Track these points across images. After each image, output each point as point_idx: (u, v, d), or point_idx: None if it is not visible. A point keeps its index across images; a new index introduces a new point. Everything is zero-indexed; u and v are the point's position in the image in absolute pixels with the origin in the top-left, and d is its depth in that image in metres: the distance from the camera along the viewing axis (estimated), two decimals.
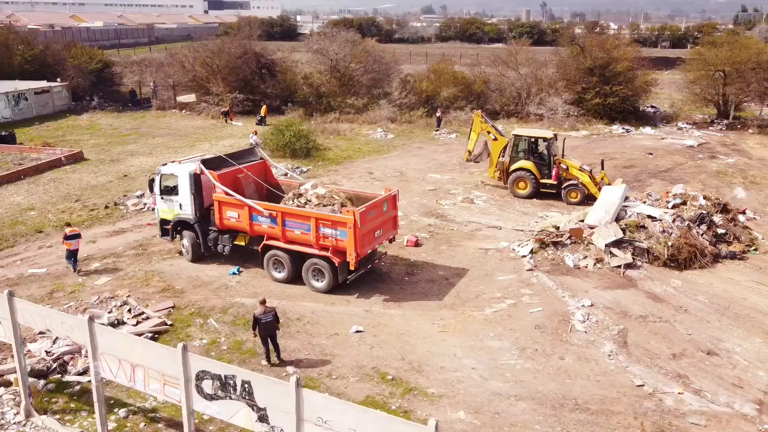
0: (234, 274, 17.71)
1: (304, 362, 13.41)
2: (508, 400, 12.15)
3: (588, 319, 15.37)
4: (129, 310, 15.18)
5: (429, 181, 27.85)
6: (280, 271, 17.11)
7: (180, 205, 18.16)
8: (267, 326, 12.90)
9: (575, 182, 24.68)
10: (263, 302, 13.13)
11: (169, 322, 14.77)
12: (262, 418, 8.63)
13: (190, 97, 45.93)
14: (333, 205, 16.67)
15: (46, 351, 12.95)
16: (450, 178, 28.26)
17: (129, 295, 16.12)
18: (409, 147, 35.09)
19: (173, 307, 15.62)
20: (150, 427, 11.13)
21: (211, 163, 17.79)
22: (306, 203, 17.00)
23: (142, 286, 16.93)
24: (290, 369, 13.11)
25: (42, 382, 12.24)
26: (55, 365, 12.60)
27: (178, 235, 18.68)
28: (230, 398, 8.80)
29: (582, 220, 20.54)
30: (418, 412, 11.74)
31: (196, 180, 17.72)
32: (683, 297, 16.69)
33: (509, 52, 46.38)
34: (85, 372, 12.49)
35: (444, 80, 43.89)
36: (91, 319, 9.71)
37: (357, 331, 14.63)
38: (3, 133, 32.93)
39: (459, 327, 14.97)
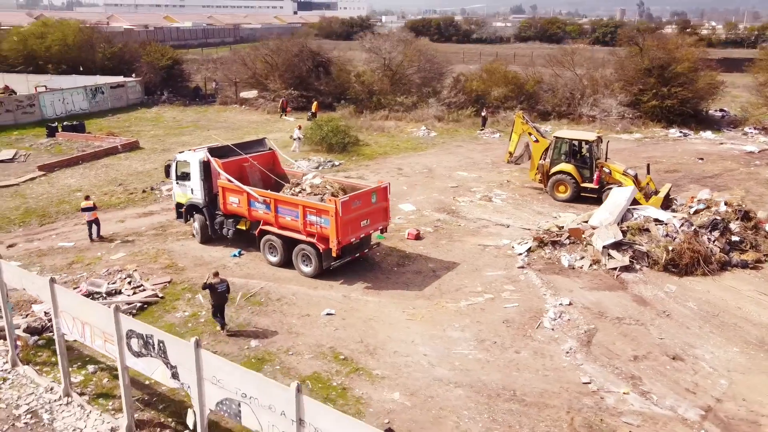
0: (235, 256, 18.92)
1: (270, 338, 14.31)
2: (447, 386, 12.50)
3: (559, 317, 15.33)
4: (129, 282, 16.68)
5: (455, 178, 28.09)
6: (274, 255, 18.14)
7: (191, 189, 19.60)
8: (220, 295, 14.11)
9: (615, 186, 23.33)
10: (216, 274, 14.32)
11: (160, 295, 16.12)
12: (175, 375, 9.57)
13: (252, 93, 48.29)
14: (324, 194, 17.49)
15: (45, 311, 14.58)
16: (476, 177, 28.37)
17: (135, 270, 17.68)
18: (448, 145, 35.36)
19: (169, 282, 17.01)
20: (111, 382, 12.38)
21: (217, 152, 19.10)
22: (300, 192, 17.93)
23: (150, 262, 18.47)
24: (253, 343, 14.07)
25: (35, 338, 13.84)
26: (49, 324, 14.15)
27: (191, 218, 20.15)
28: (151, 356, 9.81)
29: (586, 221, 20.27)
30: (356, 390, 12.34)
31: (205, 167, 19.07)
32: (671, 302, 16.23)
33: (564, 51, 45.40)
34: None
35: (495, 80, 43.67)
36: (52, 281, 11.04)
37: (328, 314, 15.38)
38: (74, 123, 36.19)
39: (428, 316, 15.38)
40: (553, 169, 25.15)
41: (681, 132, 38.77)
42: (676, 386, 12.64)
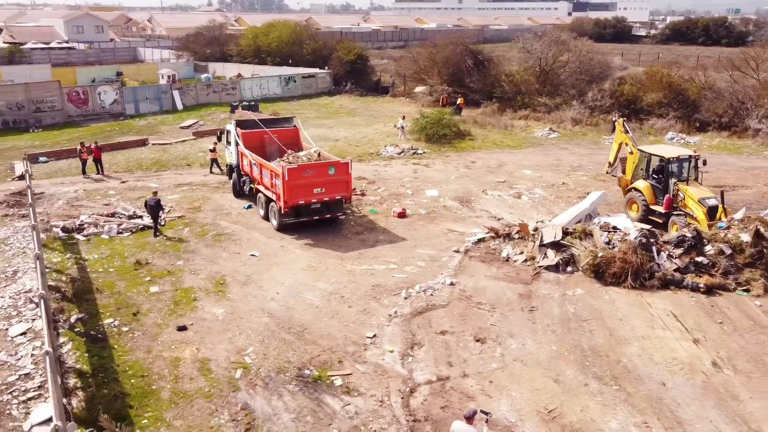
0: (245, 208, 23.50)
1: (192, 261, 18.51)
2: (262, 314, 15.27)
3: (424, 291, 16.53)
4: None
5: (513, 175, 28.52)
6: (262, 209, 22.26)
7: (232, 153, 24.74)
8: (152, 207, 19.49)
9: (683, 214, 20.93)
10: (155, 193, 19.96)
11: (162, 223, 21.44)
12: (38, 257, 14.50)
13: (422, 88, 52.38)
14: (295, 163, 20.98)
15: (82, 219, 21.10)
16: (537, 176, 28.33)
17: (171, 207, 23.45)
18: (555, 147, 34.90)
19: (180, 217, 22.34)
20: (66, 264, 17.97)
21: (244, 124, 23.85)
22: (284, 160, 21.71)
23: (187, 203, 24.10)
24: (179, 262, 18.47)
25: (63, 234, 20.27)
26: (77, 227, 20.57)
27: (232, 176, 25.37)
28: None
29: (550, 220, 20.08)
30: (200, 302, 15.90)
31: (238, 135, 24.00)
32: (554, 303, 16.03)
33: (743, 55, 39.73)
34: (88, 235, 20.27)
35: (652, 84, 40.52)
36: (29, 187, 16.94)
37: (251, 255, 18.99)
38: (251, 103, 44.74)
39: (321, 270, 17.93)
40: (630, 186, 23.31)
41: None
42: (445, 358, 13.44)
